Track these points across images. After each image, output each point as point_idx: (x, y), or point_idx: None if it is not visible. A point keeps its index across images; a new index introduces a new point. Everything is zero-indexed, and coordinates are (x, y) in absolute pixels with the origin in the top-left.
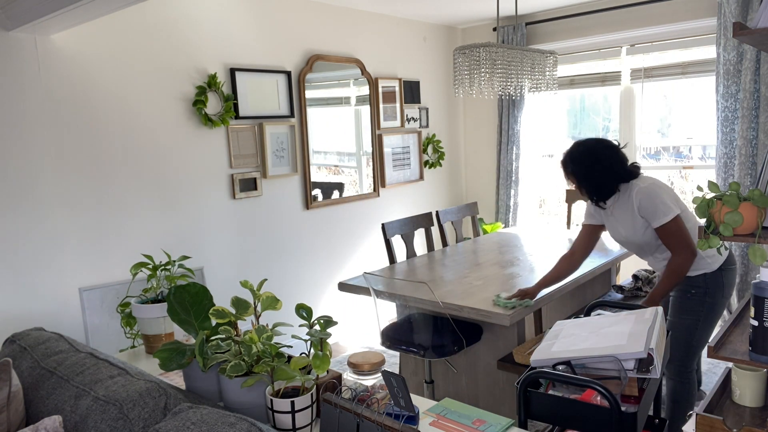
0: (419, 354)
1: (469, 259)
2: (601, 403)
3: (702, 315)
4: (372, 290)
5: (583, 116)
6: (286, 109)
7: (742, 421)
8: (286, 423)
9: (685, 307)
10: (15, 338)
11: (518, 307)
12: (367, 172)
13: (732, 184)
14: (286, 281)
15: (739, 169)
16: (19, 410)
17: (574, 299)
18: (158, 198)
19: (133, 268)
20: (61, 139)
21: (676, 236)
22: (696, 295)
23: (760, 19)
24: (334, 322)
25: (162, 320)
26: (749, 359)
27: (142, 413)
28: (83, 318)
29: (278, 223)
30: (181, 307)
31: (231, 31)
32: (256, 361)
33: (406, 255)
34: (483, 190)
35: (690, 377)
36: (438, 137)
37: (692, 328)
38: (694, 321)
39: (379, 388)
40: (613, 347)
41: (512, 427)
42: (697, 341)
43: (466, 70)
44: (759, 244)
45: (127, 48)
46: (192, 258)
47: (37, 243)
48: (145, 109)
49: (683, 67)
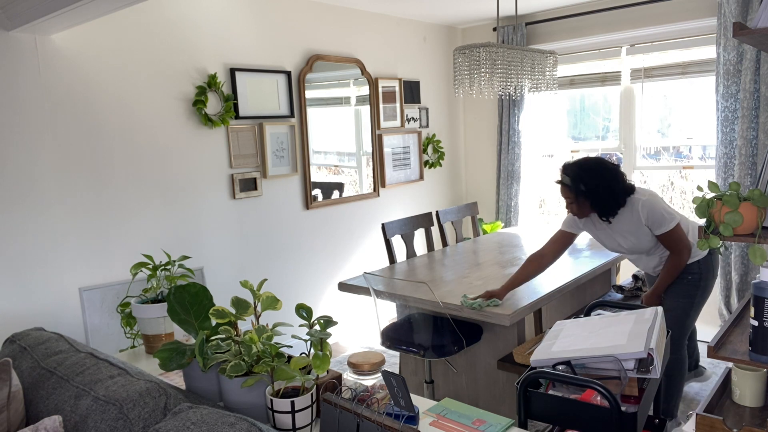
0: (419, 354)
1: (469, 259)
2: (601, 403)
3: (697, 297)
4: (372, 290)
5: (583, 116)
6: (286, 109)
7: (742, 421)
8: (286, 423)
9: (682, 292)
10: (15, 338)
11: (484, 307)
12: (367, 172)
13: (732, 184)
14: (286, 281)
15: (739, 169)
16: (19, 410)
17: (574, 299)
18: (158, 198)
19: (133, 268)
20: (61, 139)
21: (677, 240)
22: (692, 281)
23: (760, 19)
24: (334, 322)
25: (162, 320)
26: (749, 359)
27: (142, 413)
28: (83, 318)
29: (278, 223)
30: (181, 307)
31: (231, 31)
32: (256, 361)
33: (406, 255)
34: (483, 190)
35: (682, 352)
36: (438, 137)
37: (688, 309)
38: (689, 303)
39: (379, 388)
40: (613, 347)
41: (512, 427)
42: (691, 320)
43: (466, 70)
44: (759, 244)
45: (127, 48)
46: (192, 258)
47: (37, 243)
48: (145, 109)
49: (683, 67)
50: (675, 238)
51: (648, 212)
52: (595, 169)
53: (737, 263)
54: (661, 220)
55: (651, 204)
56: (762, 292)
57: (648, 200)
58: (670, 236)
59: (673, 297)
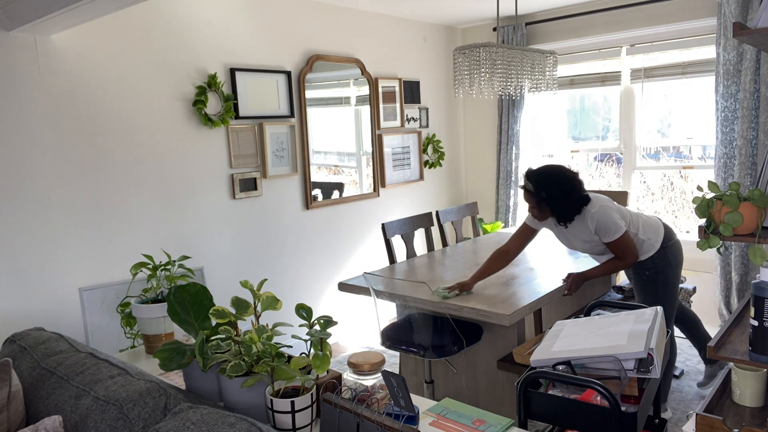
0: (419, 354)
1: (469, 259)
2: (601, 403)
3: (659, 290)
4: (372, 290)
5: (583, 116)
6: (286, 109)
7: (742, 421)
8: (286, 423)
9: (644, 288)
10: (15, 338)
11: (449, 298)
12: (367, 172)
13: (732, 184)
14: (286, 281)
15: (739, 169)
16: (19, 410)
17: (574, 299)
18: (158, 198)
19: (133, 268)
20: (61, 138)
21: (623, 248)
22: (649, 276)
23: (760, 19)
24: (334, 322)
25: (162, 320)
26: (749, 359)
27: (142, 413)
28: (83, 318)
29: (278, 223)
30: (181, 307)
31: (231, 31)
32: (256, 361)
33: (406, 255)
34: (483, 190)
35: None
36: (438, 137)
37: (657, 304)
38: (655, 298)
39: (379, 388)
40: (613, 347)
41: (512, 427)
42: (666, 311)
43: (466, 70)
44: (759, 244)
45: (127, 48)
46: (192, 258)
47: (37, 243)
48: (145, 109)
49: (683, 67)
50: (621, 246)
51: (597, 223)
52: (555, 178)
53: (737, 263)
54: (606, 230)
55: (600, 215)
56: (762, 292)
57: (597, 212)
58: (617, 245)
59: (639, 294)
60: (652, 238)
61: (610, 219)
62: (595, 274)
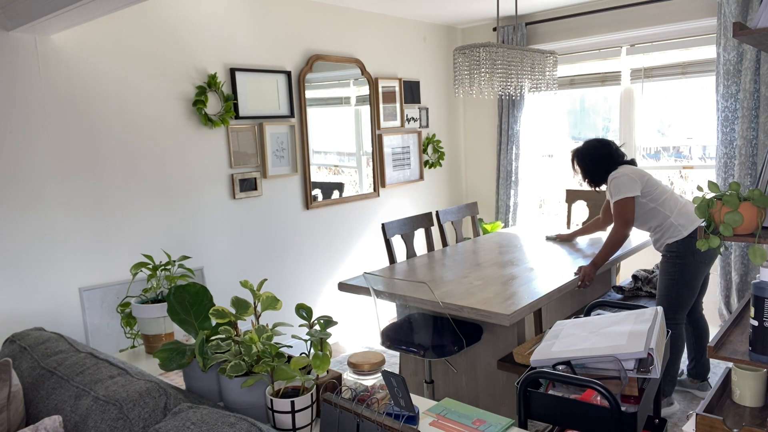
0: (419, 354)
1: (469, 259)
2: (601, 403)
3: (676, 275)
4: (372, 290)
5: (583, 116)
6: (286, 109)
7: (742, 421)
8: (286, 423)
9: (664, 269)
10: (15, 338)
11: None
12: (367, 172)
13: (732, 184)
14: (286, 281)
15: (739, 169)
16: (19, 410)
17: (574, 299)
18: (158, 198)
19: (133, 268)
20: (61, 138)
21: (618, 210)
22: (670, 258)
23: (760, 19)
24: (334, 322)
25: (162, 320)
26: (749, 359)
27: (142, 413)
28: (83, 318)
29: (278, 223)
30: (181, 307)
31: (231, 31)
32: (256, 361)
33: (406, 255)
34: (483, 190)
35: (678, 329)
36: (438, 137)
37: (670, 287)
38: (670, 280)
39: (379, 388)
40: (613, 347)
41: (512, 427)
42: (676, 297)
43: (466, 70)
44: (759, 244)
45: (127, 48)
46: (192, 258)
47: (37, 243)
48: (145, 109)
49: (683, 67)
50: (617, 208)
51: (610, 183)
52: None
53: (737, 263)
54: (612, 191)
55: (615, 177)
56: (762, 292)
57: (615, 174)
58: (614, 206)
59: (660, 275)
60: (683, 224)
61: (621, 182)
62: (601, 256)
